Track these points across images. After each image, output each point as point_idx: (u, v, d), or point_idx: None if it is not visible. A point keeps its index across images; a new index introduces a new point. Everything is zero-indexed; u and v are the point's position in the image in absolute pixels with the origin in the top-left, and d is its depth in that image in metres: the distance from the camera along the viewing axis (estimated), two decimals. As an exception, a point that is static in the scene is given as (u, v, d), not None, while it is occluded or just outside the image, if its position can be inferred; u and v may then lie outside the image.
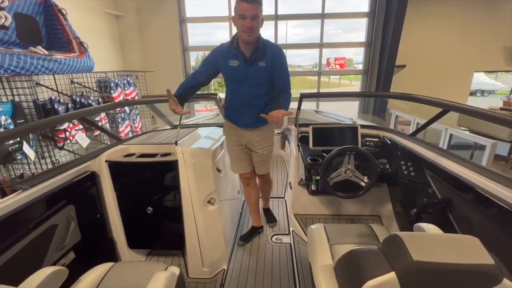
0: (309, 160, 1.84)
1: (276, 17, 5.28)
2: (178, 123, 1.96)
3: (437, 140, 3.85)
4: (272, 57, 1.59)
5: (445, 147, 3.50)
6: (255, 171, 1.95)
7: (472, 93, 12.52)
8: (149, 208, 1.70)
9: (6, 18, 2.46)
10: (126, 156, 1.71)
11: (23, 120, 2.65)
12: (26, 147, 2.57)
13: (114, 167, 1.64)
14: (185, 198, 1.61)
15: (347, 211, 2.25)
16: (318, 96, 2.00)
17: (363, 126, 2.03)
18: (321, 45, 5.51)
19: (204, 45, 5.71)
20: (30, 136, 2.74)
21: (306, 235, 1.95)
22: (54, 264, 1.41)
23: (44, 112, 2.91)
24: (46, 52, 2.69)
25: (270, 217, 2.28)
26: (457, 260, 0.64)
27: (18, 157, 2.54)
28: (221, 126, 2.23)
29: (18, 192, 1.25)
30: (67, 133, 3.10)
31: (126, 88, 4.40)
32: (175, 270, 1.19)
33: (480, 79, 13.43)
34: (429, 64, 5.62)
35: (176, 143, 1.65)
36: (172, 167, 1.62)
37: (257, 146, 1.79)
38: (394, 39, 5.02)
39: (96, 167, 1.64)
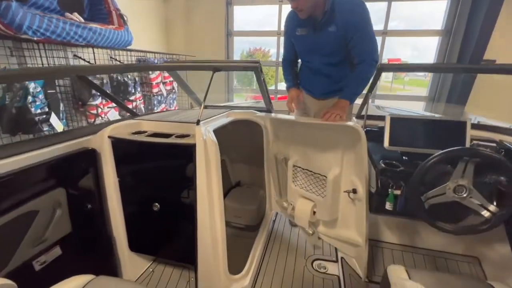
0: (382, 165, 1.26)
1: None
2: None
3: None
4: (343, 18, 1.36)
5: None
6: None
7: None
8: (156, 204, 1.30)
9: (46, -18, 2.32)
10: (134, 133, 1.33)
11: (54, 91, 2.52)
12: (54, 118, 2.43)
13: (118, 145, 1.28)
14: (201, 195, 1.17)
15: (424, 243, 1.60)
16: (398, 69, 1.47)
17: (473, 126, 1.34)
18: (384, 33, 4.67)
19: (249, 30, 5.31)
20: (61, 108, 2.62)
21: (359, 267, 1.39)
22: (30, 261, 1.08)
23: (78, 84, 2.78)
24: (82, 20, 2.52)
25: None
26: None
27: (45, 129, 2.40)
28: (259, 110, 1.77)
29: None
30: (99, 110, 2.95)
31: (164, 71, 4.21)
32: None
33: None
34: (531, 60, 4.37)
35: (198, 123, 1.21)
36: (188, 152, 1.19)
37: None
38: (486, 26, 3.97)
39: (97, 143, 1.29)
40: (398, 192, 1.15)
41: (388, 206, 1.18)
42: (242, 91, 5.82)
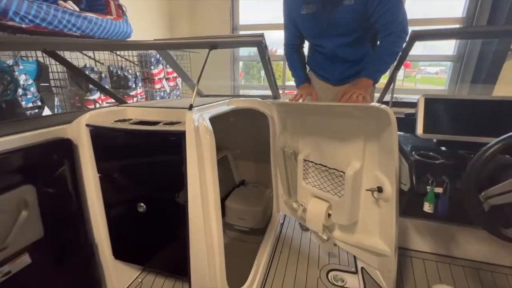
0: (415, 156, 1.02)
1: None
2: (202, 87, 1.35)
3: None
4: None
5: None
6: None
7: None
8: (141, 204, 1.10)
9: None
10: (117, 121, 1.14)
11: (47, 84, 2.38)
12: (46, 113, 2.30)
13: (97, 135, 1.08)
14: (193, 193, 0.96)
15: (463, 252, 1.34)
16: (435, 36, 1.18)
17: None
18: (400, 23, 4.36)
19: (256, 24, 5.11)
20: (56, 102, 2.49)
21: (385, 280, 1.16)
22: (-11, 272, 0.89)
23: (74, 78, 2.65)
24: (77, 8, 2.37)
25: None
26: None
27: (37, 124, 2.27)
28: (264, 99, 1.56)
29: None
30: (97, 105, 2.81)
31: (168, 66, 4.06)
32: None
33: None
34: None
35: (190, 108, 1.01)
36: (177, 141, 0.98)
37: None
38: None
39: (73, 132, 1.10)
40: (439, 190, 0.91)
41: (427, 207, 0.93)
42: (248, 87, 5.64)
